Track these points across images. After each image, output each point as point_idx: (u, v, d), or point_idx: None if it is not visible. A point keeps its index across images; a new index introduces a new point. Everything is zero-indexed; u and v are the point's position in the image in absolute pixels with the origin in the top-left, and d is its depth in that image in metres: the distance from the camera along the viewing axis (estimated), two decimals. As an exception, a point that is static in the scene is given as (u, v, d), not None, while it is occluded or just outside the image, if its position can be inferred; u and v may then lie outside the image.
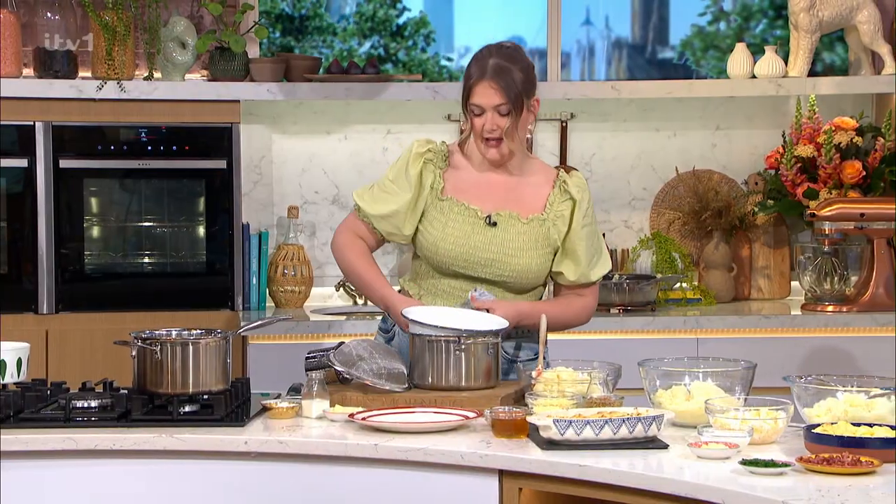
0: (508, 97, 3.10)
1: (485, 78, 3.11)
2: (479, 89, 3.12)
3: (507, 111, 3.11)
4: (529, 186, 3.22)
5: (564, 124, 5.00)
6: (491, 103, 3.11)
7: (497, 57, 3.13)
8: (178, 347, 2.92)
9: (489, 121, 3.12)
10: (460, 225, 3.18)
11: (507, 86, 3.10)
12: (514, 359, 3.23)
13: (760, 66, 4.81)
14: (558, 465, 2.59)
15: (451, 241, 3.17)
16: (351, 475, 2.76)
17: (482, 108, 3.13)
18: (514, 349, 3.24)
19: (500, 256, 3.18)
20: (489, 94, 3.11)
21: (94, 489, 2.81)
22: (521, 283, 3.21)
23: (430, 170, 3.21)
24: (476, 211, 3.19)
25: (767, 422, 2.68)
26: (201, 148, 4.57)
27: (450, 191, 3.20)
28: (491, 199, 3.20)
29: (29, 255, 4.48)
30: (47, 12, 4.60)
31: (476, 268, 3.18)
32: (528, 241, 3.18)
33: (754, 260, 4.93)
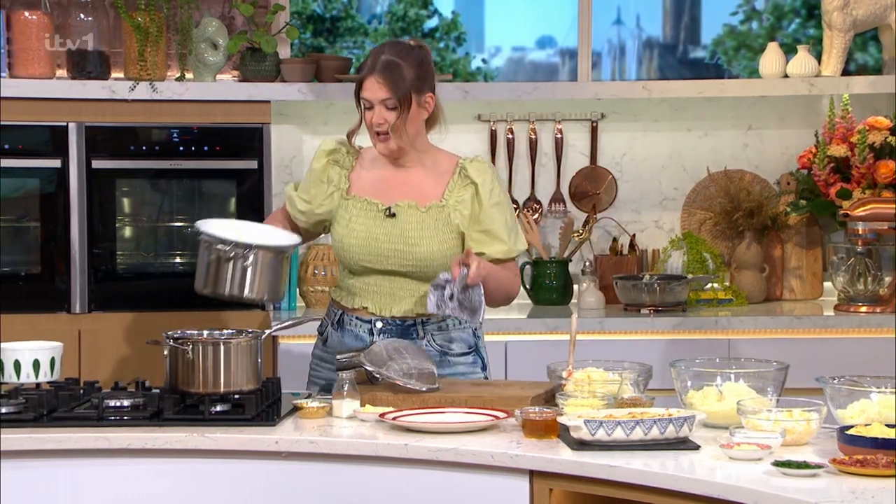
0: (395, 93, 3.18)
1: (373, 73, 3.19)
2: (367, 83, 3.20)
3: (393, 106, 3.18)
4: (430, 177, 3.28)
5: (595, 124, 4.99)
6: (377, 97, 3.19)
7: (389, 53, 3.21)
8: (210, 347, 2.93)
9: (377, 115, 3.20)
10: (363, 220, 3.25)
11: (395, 81, 3.18)
12: (446, 351, 3.26)
13: (793, 65, 4.79)
14: (589, 466, 2.58)
15: (354, 236, 3.25)
16: (381, 475, 2.76)
17: (370, 102, 3.20)
18: (446, 342, 3.27)
19: (402, 246, 3.23)
20: (375, 88, 3.18)
21: (126, 488, 2.82)
22: (427, 272, 3.23)
23: (336, 171, 3.32)
24: (377, 205, 3.26)
25: (800, 423, 2.66)
26: (232, 148, 4.58)
27: (354, 190, 3.30)
28: (391, 192, 3.27)
29: (62, 255, 4.51)
30: (80, 13, 4.63)
31: (381, 260, 3.24)
32: (429, 229, 3.23)
33: (786, 260, 4.90)
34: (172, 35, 4.63)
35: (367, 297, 3.27)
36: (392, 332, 3.25)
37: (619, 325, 4.48)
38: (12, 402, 2.95)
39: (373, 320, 3.26)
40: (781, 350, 4.29)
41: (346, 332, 3.30)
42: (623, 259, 4.89)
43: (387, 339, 3.20)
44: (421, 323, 3.25)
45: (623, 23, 6.43)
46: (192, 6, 4.61)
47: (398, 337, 3.24)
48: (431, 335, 3.26)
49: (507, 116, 4.96)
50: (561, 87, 5.06)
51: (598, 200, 4.98)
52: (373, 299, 3.27)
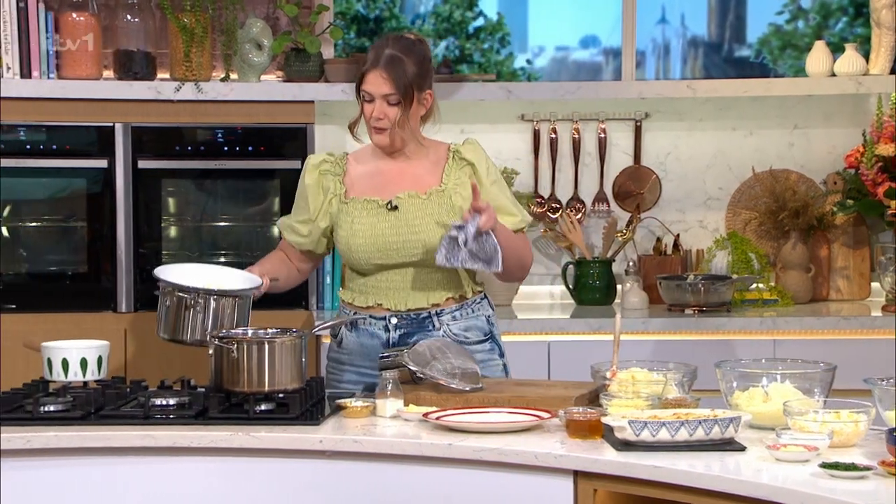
0: (398, 88, 3.18)
1: (377, 67, 3.19)
2: (370, 77, 3.20)
3: (396, 101, 3.19)
4: (425, 165, 3.29)
5: (639, 124, 4.97)
6: (380, 92, 3.19)
7: (393, 48, 3.22)
8: (255, 346, 2.95)
9: (377, 109, 3.20)
10: (366, 218, 3.25)
11: (398, 77, 3.18)
12: (463, 340, 3.26)
13: (840, 63, 4.74)
14: (633, 467, 2.57)
15: (360, 236, 3.24)
16: (425, 474, 2.76)
17: (372, 96, 3.20)
18: (462, 331, 3.27)
19: (409, 236, 3.23)
20: (379, 82, 3.19)
21: (171, 486, 2.84)
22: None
23: (329, 178, 3.31)
24: (377, 201, 3.26)
25: (848, 424, 2.63)
26: (276, 148, 4.61)
27: (351, 192, 3.29)
28: (389, 186, 3.27)
29: (108, 255, 4.55)
30: (127, 15, 4.67)
31: (390, 254, 3.23)
32: (432, 215, 3.23)
33: (833, 260, 4.86)
34: (217, 36, 4.66)
35: (381, 294, 3.27)
36: (407, 325, 3.26)
37: (662, 325, 4.46)
38: (60, 400, 2.98)
39: (387, 316, 3.26)
40: (828, 351, 4.24)
41: (361, 332, 3.30)
42: (667, 259, 4.87)
43: (430, 339, 3.20)
44: (436, 314, 3.26)
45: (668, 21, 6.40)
46: (237, 7, 4.63)
47: (414, 330, 3.24)
48: (447, 325, 3.26)
49: (551, 116, 4.94)
50: (604, 87, 5.04)
51: (642, 200, 4.96)
52: (386, 295, 3.26)
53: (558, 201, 4.95)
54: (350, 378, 3.30)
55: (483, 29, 7.26)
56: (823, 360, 2.95)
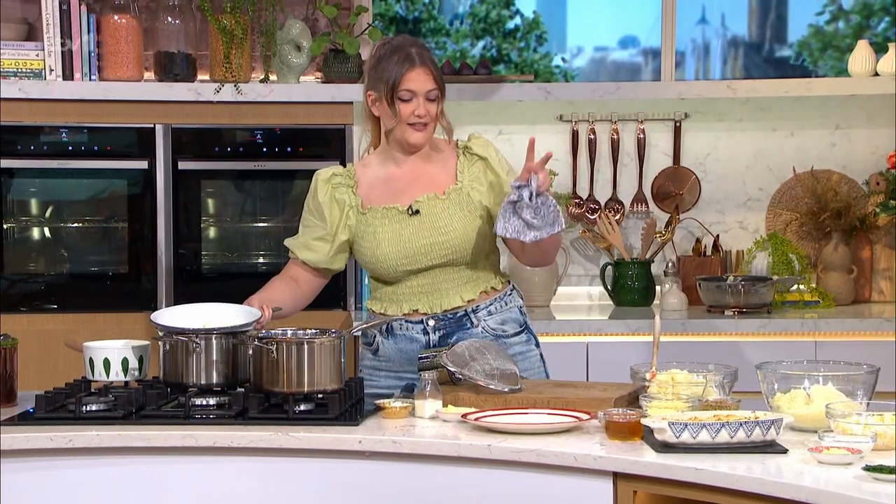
0: (438, 82, 3.24)
1: (417, 65, 3.20)
2: (412, 76, 3.20)
3: (435, 97, 3.23)
4: (436, 164, 3.29)
5: (678, 124, 4.94)
6: (424, 88, 3.21)
7: (416, 47, 3.24)
8: (294, 347, 2.95)
9: (421, 106, 3.21)
10: (389, 226, 3.24)
11: (435, 71, 3.24)
12: (500, 334, 3.26)
13: (883, 63, 4.70)
14: (674, 469, 2.56)
15: (386, 244, 3.23)
16: (464, 475, 2.76)
17: (413, 94, 3.20)
18: (499, 325, 3.26)
19: (435, 238, 3.22)
20: (423, 79, 3.21)
21: (212, 486, 2.85)
22: (466, 256, 3.23)
23: (342, 191, 3.30)
24: (396, 207, 3.25)
25: (892, 427, 2.60)
26: (315, 149, 4.62)
27: (368, 202, 3.28)
28: (406, 191, 3.26)
29: (148, 256, 4.58)
30: (168, 17, 4.70)
31: (419, 258, 3.22)
32: (454, 213, 3.23)
33: (875, 262, 4.81)
34: (257, 37, 4.68)
35: (415, 300, 3.26)
36: (445, 325, 3.25)
37: (702, 326, 4.43)
38: (102, 399, 3.01)
39: (424, 319, 3.26)
40: (870, 353, 4.20)
41: (399, 338, 3.28)
42: (706, 260, 4.84)
43: (468, 340, 3.20)
44: (472, 311, 3.25)
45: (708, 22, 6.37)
46: (277, 8, 4.65)
47: (453, 329, 3.24)
48: (484, 320, 3.26)
49: (589, 117, 4.93)
50: (644, 87, 5.02)
51: (681, 201, 4.94)
52: (420, 300, 3.26)
53: (597, 202, 4.93)
54: (389, 383, 3.30)
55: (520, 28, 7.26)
56: (866, 363, 2.92)
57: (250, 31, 4.63)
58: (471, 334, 3.24)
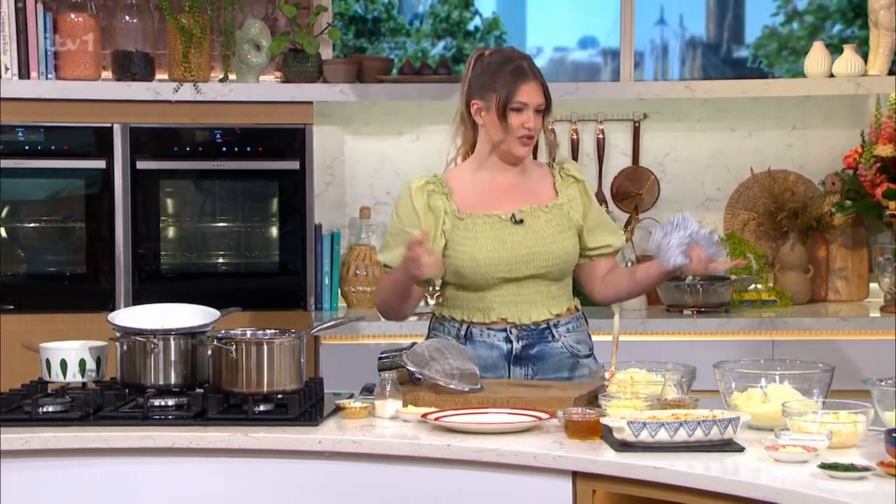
0: (547, 97, 3.25)
1: (529, 78, 3.22)
2: (525, 89, 3.21)
3: (542, 110, 3.24)
4: (534, 181, 3.31)
5: (637, 124, 4.97)
6: (535, 102, 3.22)
7: (526, 60, 3.26)
8: (253, 347, 2.95)
9: (531, 119, 3.21)
10: (490, 232, 3.23)
11: (545, 87, 3.25)
12: (576, 353, 3.26)
13: (839, 64, 4.74)
14: (632, 468, 2.57)
15: (487, 250, 3.21)
16: (424, 475, 2.76)
17: (525, 106, 3.21)
18: (576, 343, 3.27)
19: (538, 248, 3.22)
20: (535, 92, 3.22)
21: (170, 487, 2.84)
22: (562, 269, 3.26)
23: (437, 198, 3.27)
24: (498, 215, 3.24)
25: (847, 425, 2.63)
26: (275, 149, 4.61)
27: (465, 208, 3.25)
28: (506, 200, 3.26)
29: (106, 256, 4.55)
30: (125, 15, 4.67)
31: (520, 267, 3.22)
32: (557, 227, 3.25)
33: (831, 261, 4.86)
34: (216, 36, 4.66)
35: (503, 308, 3.23)
36: (528, 336, 3.23)
37: (661, 325, 4.46)
38: (59, 400, 2.98)
39: (508, 328, 3.24)
40: (826, 352, 4.25)
41: (479, 344, 3.24)
42: (666, 260, 4.86)
43: (428, 340, 3.20)
44: (554, 325, 3.25)
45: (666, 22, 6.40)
46: (236, 8, 4.63)
47: (535, 341, 3.23)
48: (564, 336, 3.26)
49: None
50: (603, 88, 5.04)
51: (641, 201, 4.96)
52: (508, 309, 3.23)
53: (557, 202, 4.95)
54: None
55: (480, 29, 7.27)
56: (822, 361, 2.95)
57: (209, 31, 4.61)
58: (551, 348, 3.24)
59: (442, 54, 7.26)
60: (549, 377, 3.23)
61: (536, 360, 3.23)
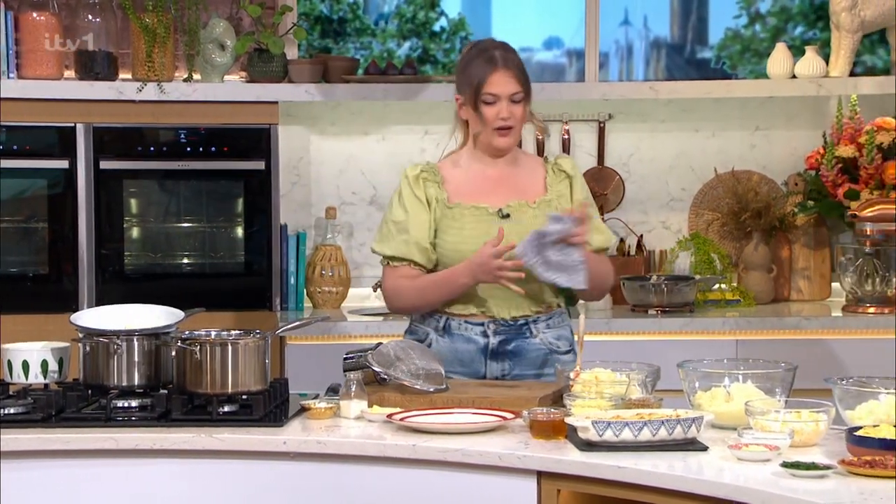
0: (523, 84, 3.21)
1: (499, 67, 3.19)
2: (495, 79, 3.19)
3: (520, 99, 3.21)
4: (525, 174, 3.30)
5: (602, 125, 4.99)
6: (508, 92, 3.19)
7: (501, 49, 3.23)
8: (218, 348, 2.93)
9: (504, 109, 3.19)
10: (476, 224, 3.23)
11: (519, 74, 3.22)
12: (555, 349, 3.26)
13: (801, 66, 4.78)
14: (597, 467, 2.58)
15: (471, 243, 3.20)
16: (389, 475, 2.76)
17: (497, 97, 3.19)
18: (555, 339, 3.26)
19: None
20: (506, 82, 3.19)
21: (134, 488, 2.82)
22: None
23: (430, 186, 3.27)
24: (486, 208, 3.24)
25: (808, 424, 2.65)
26: (240, 149, 4.59)
27: (455, 198, 3.26)
28: (495, 193, 3.26)
29: (69, 256, 4.52)
30: (88, 14, 4.64)
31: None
32: (542, 223, 3.21)
33: (794, 261, 4.89)
34: (180, 36, 4.64)
35: (483, 303, 3.22)
36: (506, 332, 3.22)
37: (626, 325, 4.48)
38: (21, 402, 2.96)
39: (486, 322, 3.23)
40: (789, 351, 4.28)
41: (457, 337, 3.24)
42: (630, 260, 4.89)
43: (394, 340, 3.20)
44: (533, 321, 3.24)
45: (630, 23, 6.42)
46: (200, 7, 4.61)
47: (513, 336, 3.22)
48: (543, 333, 3.25)
49: (515, 117, 4.95)
50: (568, 88, 5.06)
51: (606, 201, 4.98)
52: (489, 304, 3.22)
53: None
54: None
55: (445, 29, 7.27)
56: (785, 360, 2.98)
57: (173, 30, 4.59)
58: (529, 344, 3.23)
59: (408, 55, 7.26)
60: (526, 373, 3.23)
61: (513, 356, 3.23)
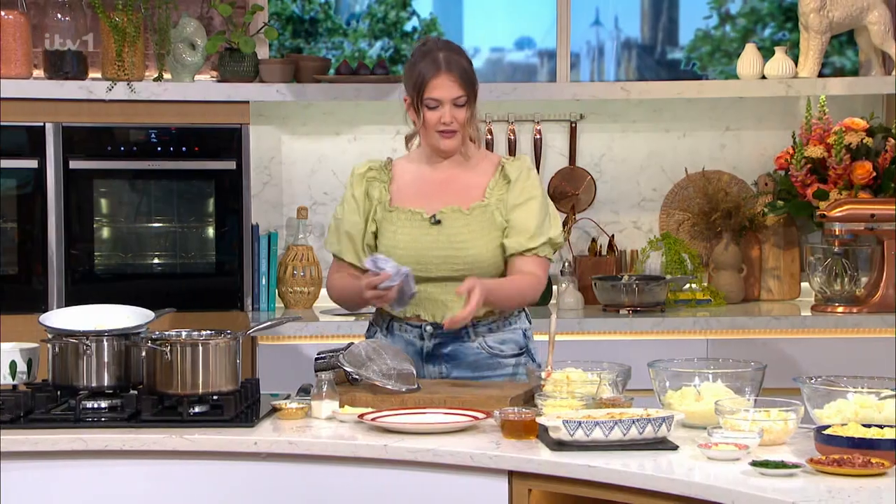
0: (466, 88, 3.17)
1: (441, 71, 3.16)
2: (436, 83, 3.16)
3: (463, 103, 3.18)
4: (470, 177, 3.26)
5: (574, 125, 5.00)
6: (450, 96, 3.17)
7: (445, 51, 3.19)
8: (188, 348, 2.93)
9: (447, 113, 3.17)
10: (408, 230, 3.23)
11: (463, 77, 3.18)
12: (497, 353, 3.25)
13: (770, 66, 4.81)
14: (568, 466, 2.59)
15: (402, 247, 3.21)
16: (360, 476, 2.76)
17: (439, 102, 3.17)
18: (497, 343, 3.25)
19: (450, 252, 3.21)
20: (447, 86, 3.16)
21: (104, 490, 2.81)
22: (478, 272, 3.19)
23: (375, 186, 3.28)
24: (420, 213, 3.23)
25: (777, 423, 2.67)
26: (211, 149, 4.57)
27: (395, 201, 3.26)
28: (433, 198, 3.24)
29: (39, 256, 4.49)
30: (57, 13, 4.61)
31: (431, 268, 3.21)
32: (474, 231, 3.21)
33: (764, 261, 4.92)
34: (150, 35, 4.62)
35: (420, 306, 3.22)
36: (443, 335, 3.22)
37: (597, 325, 4.49)
38: (-11, 403, 2.94)
39: (423, 325, 3.24)
40: (759, 350, 4.31)
41: (397, 338, 3.26)
42: (602, 260, 4.90)
43: (365, 340, 3.20)
44: (472, 325, 3.22)
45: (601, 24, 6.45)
46: (170, 6, 4.59)
47: (449, 340, 3.22)
48: (483, 336, 3.23)
49: (486, 117, 4.95)
50: (540, 88, 5.07)
51: (577, 201, 4.99)
52: (425, 307, 3.23)
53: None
54: None
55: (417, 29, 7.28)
56: (754, 360, 2.99)
57: (143, 29, 4.57)
58: (466, 347, 3.23)
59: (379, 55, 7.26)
60: (467, 376, 3.23)
61: (450, 359, 3.23)
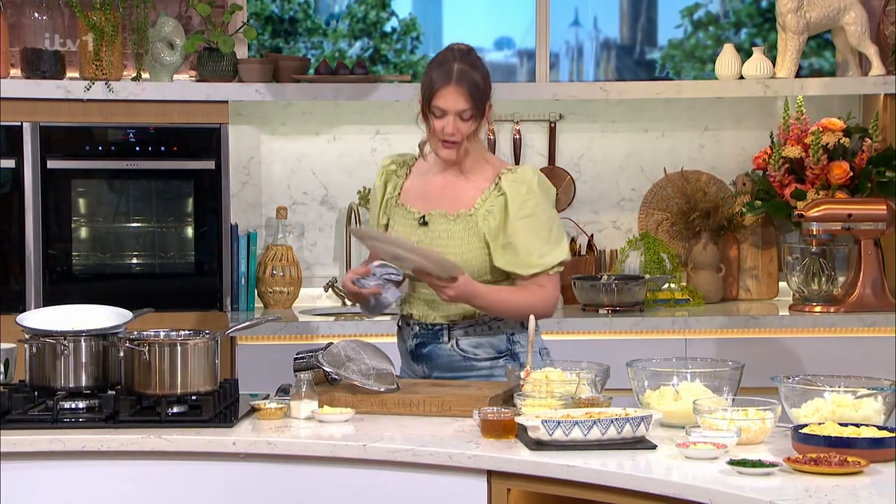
0: (473, 103, 3.17)
1: (451, 83, 3.17)
2: (444, 93, 3.17)
3: (469, 116, 3.18)
4: (470, 185, 3.27)
5: (553, 125, 5.01)
6: (455, 108, 3.17)
7: (461, 62, 3.20)
8: (167, 348, 2.92)
9: (450, 124, 3.18)
10: (401, 227, 3.28)
11: (472, 91, 3.18)
12: (470, 357, 3.26)
13: (748, 67, 4.82)
14: (547, 466, 2.59)
15: None
16: (340, 476, 2.76)
17: (444, 112, 3.18)
18: (472, 347, 3.26)
19: None
20: (454, 99, 3.17)
21: (82, 490, 2.80)
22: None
23: (392, 180, 3.34)
24: (414, 213, 3.28)
25: (755, 422, 2.68)
26: (190, 149, 4.56)
27: (402, 197, 3.32)
28: (429, 200, 3.28)
29: (16, 256, 4.47)
30: (35, 12, 4.59)
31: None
32: (455, 237, 3.23)
33: (742, 260, 4.94)
34: (128, 34, 4.60)
35: (413, 305, 3.28)
36: (424, 336, 3.26)
37: (576, 325, 4.50)
38: (-34, 404, 2.93)
39: (411, 324, 3.29)
40: (737, 350, 4.32)
41: (399, 337, 3.36)
42: (581, 259, 4.91)
43: (345, 340, 3.20)
44: (448, 328, 3.24)
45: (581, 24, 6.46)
46: (148, 5, 4.58)
47: (428, 341, 3.25)
48: (456, 338, 3.25)
49: (466, 117, 4.96)
50: (519, 88, 5.07)
51: (557, 201, 4.99)
52: (417, 307, 3.28)
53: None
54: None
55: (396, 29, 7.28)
56: (732, 359, 3.00)
57: (121, 28, 4.55)
58: (441, 349, 3.24)
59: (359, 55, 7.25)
60: (445, 376, 3.25)
61: (428, 360, 3.27)
